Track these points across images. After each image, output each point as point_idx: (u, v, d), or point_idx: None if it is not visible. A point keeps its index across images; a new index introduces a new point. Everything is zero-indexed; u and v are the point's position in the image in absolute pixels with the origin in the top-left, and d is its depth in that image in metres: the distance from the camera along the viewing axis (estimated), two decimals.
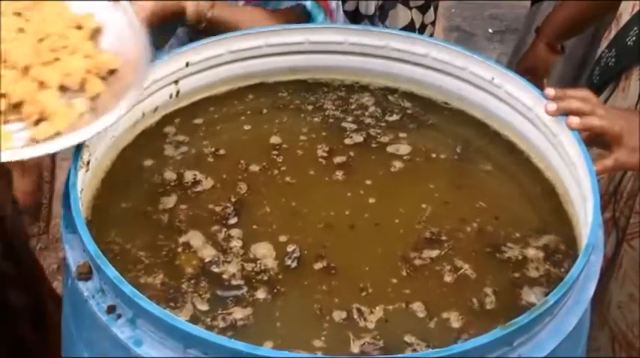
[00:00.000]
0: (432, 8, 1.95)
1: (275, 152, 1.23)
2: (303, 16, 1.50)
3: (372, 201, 1.16)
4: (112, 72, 1.08)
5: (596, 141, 1.16)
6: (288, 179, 1.18)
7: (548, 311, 0.91)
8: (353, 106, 1.33)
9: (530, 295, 1.04)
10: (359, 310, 1.00)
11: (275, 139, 1.25)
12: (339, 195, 1.17)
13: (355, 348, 0.96)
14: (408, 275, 1.05)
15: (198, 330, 0.85)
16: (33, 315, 1.28)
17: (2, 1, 1.06)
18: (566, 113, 1.15)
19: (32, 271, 1.27)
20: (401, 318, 1.00)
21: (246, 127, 1.27)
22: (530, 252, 1.10)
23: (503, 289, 1.05)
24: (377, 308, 1.00)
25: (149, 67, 1.10)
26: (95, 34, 1.12)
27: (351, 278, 1.04)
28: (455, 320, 1.00)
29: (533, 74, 1.74)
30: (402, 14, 1.87)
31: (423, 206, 1.15)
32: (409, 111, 1.33)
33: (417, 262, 1.07)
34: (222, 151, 1.22)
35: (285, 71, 1.35)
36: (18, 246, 1.30)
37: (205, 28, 1.37)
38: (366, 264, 1.06)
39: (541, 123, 1.20)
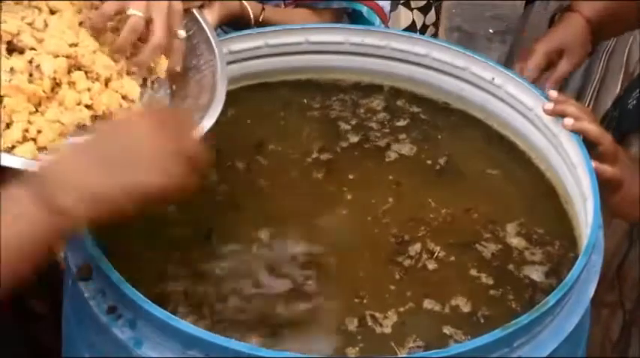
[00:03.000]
0: (433, 9, 1.95)
1: (266, 151, 1.23)
2: (347, 17, 1.53)
3: (365, 199, 1.16)
4: None
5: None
6: (274, 178, 1.19)
7: (549, 312, 0.91)
8: (361, 110, 1.33)
9: (532, 272, 1.07)
10: (372, 316, 1.00)
11: (271, 139, 1.25)
12: (322, 193, 1.17)
13: (404, 352, 0.95)
14: (401, 278, 1.05)
15: (198, 331, 0.85)
16: (54, 322, 1.27)
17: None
18: (562, 116, 1.15)
19: (55, 278, 1.27)
20: (421, 317, 1.01)
21: (242, 126, 1.27)
22: (526, 245, 1.11)
23: (501, 273, 1.07)
24: (389, 312, 1.00)
25: (225, 74, 1.10)
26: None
27: (347, 284, 1.04)
28: (464, 306, 1.02)
29: (563, 55, 1.33)
30: (404, 15, 1.88)
31: (423, 205, 1.16)
32: (418, 116, 1.33)
33: (407, 262, 1.07)
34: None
35: (285, 71, 1.35)
36: None
37: None
38: (359, 268, 1.06)
39: (541, 124, 1.20)
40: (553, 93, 1.18)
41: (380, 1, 1.51)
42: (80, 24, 1.06)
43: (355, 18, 1.53)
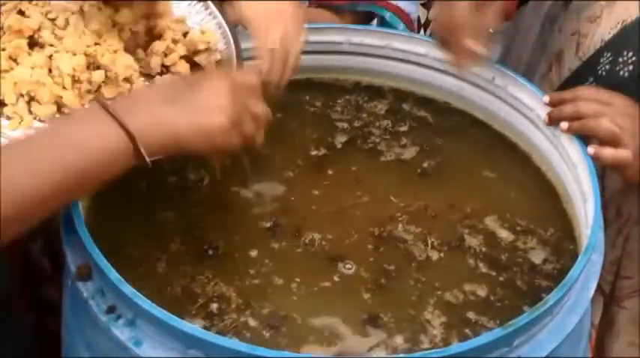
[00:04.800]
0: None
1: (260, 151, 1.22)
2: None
3: (364, 198, 1.16)
4: None
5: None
6: (266, 177, 1.19)
7: (548, 312, 0.91)
8: (360, 110, 1.33)
9: (534, 256, 1.09)
10: (427, 320, 1.00)
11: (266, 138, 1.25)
12: (312, 191, 1.17)
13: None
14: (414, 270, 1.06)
15: (198, 331, 0.85)
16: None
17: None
18: (560, 121, 1.14)
19: None
20: (452, 309, 1.01)
21: None
22: (525, 242, 1.11)
23: (502, 263, 1.08)
24: (436, 311, 1.01)
25: (241, 63, 1.12)
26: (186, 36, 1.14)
27: (364, 281, 1.04)
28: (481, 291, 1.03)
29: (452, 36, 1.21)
30: None
31: (429, 205, 1.16)
32: (417, 116, 1.32)
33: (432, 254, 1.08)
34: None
35: None
36: (59, 242, 1.31)
37: None
38: (370, 265, 1.06)
39: (542, 124, 1.20)
40: (545, 98, 1.18)
41: (403, 5, 1.51)
42: (114, 25, 1.08)
43: (379, 23, 1.53)
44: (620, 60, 1.23)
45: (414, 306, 1.01)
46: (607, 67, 1.24)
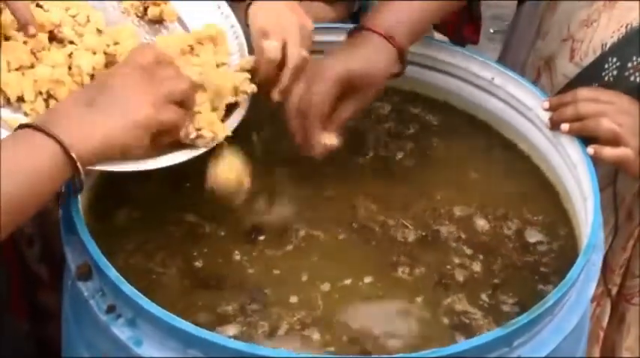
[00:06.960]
0: None
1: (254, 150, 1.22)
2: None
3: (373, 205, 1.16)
4: None
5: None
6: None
7: (549, 311, 0.91)
8: (370, 117, 1.33)
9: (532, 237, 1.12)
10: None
11: (261, 137, 1.24)
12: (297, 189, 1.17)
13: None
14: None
15: (198, 330, 0.85)
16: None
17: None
18: (561, 123, 1.14)
19: None
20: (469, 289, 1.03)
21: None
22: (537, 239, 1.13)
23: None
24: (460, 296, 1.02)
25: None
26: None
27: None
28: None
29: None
30: None
31: (428, 205, 1.16)
32: (417, 116, 1.32)
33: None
34: None
35: None
36: (56, 248, 1.31)
37: None
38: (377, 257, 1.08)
39: (541, 123, 1.20)
40: (545, 104, 1.18)
41: None
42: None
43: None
44: (630, 65, 1.21)
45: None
46: (614, 72, 1.22)
